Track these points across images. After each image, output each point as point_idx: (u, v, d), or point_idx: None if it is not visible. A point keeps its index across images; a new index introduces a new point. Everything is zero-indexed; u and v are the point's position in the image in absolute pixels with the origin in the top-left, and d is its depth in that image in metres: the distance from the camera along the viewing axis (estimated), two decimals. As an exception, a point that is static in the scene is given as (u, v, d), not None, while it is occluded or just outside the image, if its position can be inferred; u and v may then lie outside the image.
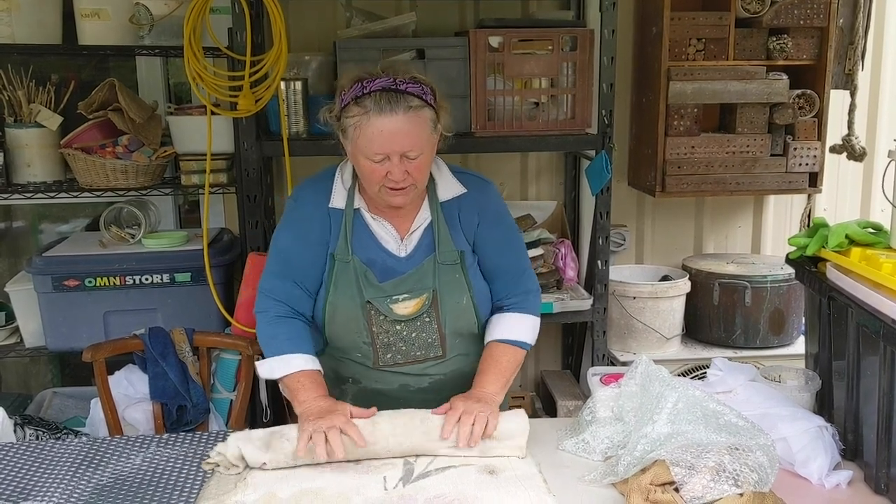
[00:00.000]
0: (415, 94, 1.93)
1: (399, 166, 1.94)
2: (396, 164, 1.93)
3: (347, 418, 1.90)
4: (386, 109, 1.90)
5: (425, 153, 1.96)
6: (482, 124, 3.12)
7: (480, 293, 2.15)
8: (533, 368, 3.92)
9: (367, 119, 1.91)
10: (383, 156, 1.93)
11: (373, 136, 1.91)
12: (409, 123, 1.91)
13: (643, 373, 1.97)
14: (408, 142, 1.92)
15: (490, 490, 1.76)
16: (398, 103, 1.90)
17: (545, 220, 3.62)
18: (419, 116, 1.93)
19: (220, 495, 1.78)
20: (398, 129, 1.90)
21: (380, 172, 1.95)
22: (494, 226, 2.16)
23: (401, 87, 1.92)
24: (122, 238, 3.15)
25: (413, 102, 1.92)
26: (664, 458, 1.66)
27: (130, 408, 2.85)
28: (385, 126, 1.90)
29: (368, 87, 1.92)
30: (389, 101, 1.90)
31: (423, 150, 1.95)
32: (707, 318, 3.51)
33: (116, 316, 3.08)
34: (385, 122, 1.90)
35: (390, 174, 1.94)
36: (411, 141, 1.92)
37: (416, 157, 1.94)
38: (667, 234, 3.87)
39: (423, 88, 1.95)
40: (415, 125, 1.92)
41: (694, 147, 3.38)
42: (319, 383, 2.03)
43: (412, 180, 1.97)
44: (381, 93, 1.91)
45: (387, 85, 1.92)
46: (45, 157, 3.17)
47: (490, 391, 2.04)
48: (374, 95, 1.91)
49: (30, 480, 1.88)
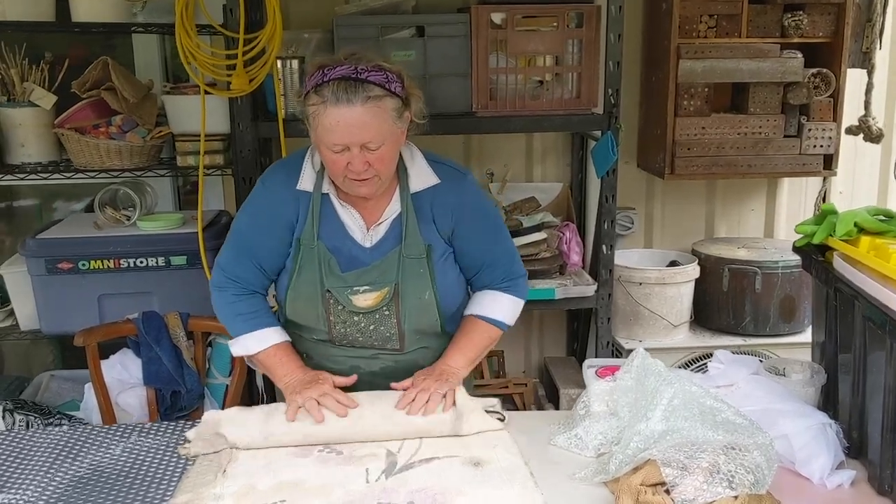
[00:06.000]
0: (376, 82, 1.86)
1: (359, 157, 1.87)
2: (357, 155, 1.87)
3: (332, 386, 1.98)
4: (343, 99, 1.83)
5: (387, 144, 1.90)
6: (484, 104, 3.05)
7: (445, 289, 2.10)
8: (537, 355, 3.86)
9: (325, 109, 1.85)
10: (342, 146, 1.87)
11: (330, 126, 1.86)
12: (367, 114, 1.85)
13: (639, 366, 1.91)
14: (366, 133, 1.86)
15: (474, 484, 1.71)
16: (356, 93, 1.83)
17: (550, 202, 3.55)
18: (379, 107, 1.86)
19: (198, 487, 1.74)
20: (355, 119, 1.84)
21: (340, 163, 1.90)
22: (474, 220, 2.09)
23: (361, 75, 1.85)
24: (118, 220, 3.10)
25: (373, 92, 1.85)
26: (656, 458, 1.59)
27: (124, 393, 2.82)
28: (342, 117, 1.84)
29: (329, 75, 1.85)
30: (347, 90, 1.83)
31: (383, 140, 1.88)
32: (716, 304, 3.44)
33: (111, 299, 3.03)
34: (342, 112, 1.84)
35: (351, 165, 1.89)
36: (370, 132, 1.86)
37: (376, 149, 1.88)
38: (677, 218, 3.79)
39: (388, 76, 1.88)
40: (374, 116, 1.85)
41: (704, 128, 3.30)
42: (294, 355, 2.10)
43: (374, 171, 1.91)
44: (340, 81, 1.84)
45: (346, 73, 1.85)
46: (40, 137, 3.12)
47: (455, 365, 2.07)
48: (333, 84, 1.84)
49: (4, 472, 1.84)
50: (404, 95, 1.92)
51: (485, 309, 2.14)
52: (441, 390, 1.96)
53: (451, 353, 2.10)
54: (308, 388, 1.95)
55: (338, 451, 1.86)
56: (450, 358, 2.09)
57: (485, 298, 2.16)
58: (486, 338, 2.14)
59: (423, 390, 1.96)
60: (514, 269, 2.17)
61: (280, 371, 2.05)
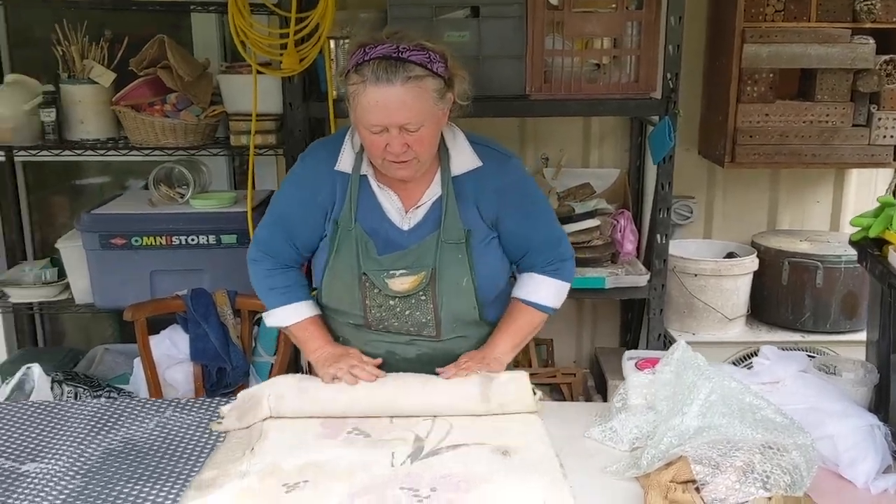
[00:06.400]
0: (417, 62, 1.82)
1: (398, 139, 1.84)
2: (395, 137, 1.84)
3: (361, 358, 2.01)
4: (382, 79, 1.80)
5: (427, 125, 1.86)
6: (538, 86, 2.98)
7: (485, 276, 2.06)
8: (588, 344, 3.80)
9: (364, 88, 1.82)
10: (381, 127, 1.84)
11: (369, 106, 1.83)
12: (407, 94, 1.81)
13: (679, 359, 1.84)
14: (405, 114, 1.82)
15: (501, 472, 1.67)
16: (396, 72, 1.80)
17: (606, 189, 3.48)
18: (420, 87, 1.82)
19: (225, 464, 1.74)
20: (394, 100, 1.81)
21: (379, 144, 1.87)
22: (518, 205, 2.05)
23: (403, 54, 1.81)
24: (171, 198, 3.13)
25: (414, 72, 1.81)
26: (687, 455, 1.53)
27: (171, 368, 2.86)
28: (381, 97, 1.81)
29: (369, 54, 1.82)
30: (387, 69, 1.80)
31: (423, 122, 1.85)
32: (774, 298, 3.33)
33: (163, 276, 3.06)
34: (381, 92, 1.81)
35: (389, 146, 1.86)
36: (409, 113, 1.82)
37: (416, 130, 1.85)
38: (738, 208, 3.67)
39: (430, 56, 1.84)
40: (414, 96, 1.82)
41: (768, 115, 3.19)
42: (324, 330, 2.13)
43: (413, 153, 1.88)
44: (380, 61, 1.81)
45: (387, 52, 1.81)
46: (99, 115, 3.17)
47: (499, 350, 2.06)
48: (373, 63, 1.81)
49: (40, 441, 1.87)
50: (447, 76, 1.88)
51: (529, 293, 2.11)
52: (483, 370, 1.96)
53: (495, 339, 2.08)
54: (338, 361, 1.98)
55: (366, 434, 1.84)
56: (493, 344, 2.07)
57: (529, 282, 2.12)
58: (530, 323, 2.12)
59: (464, 369, 1.97)
60: (561, 251, 2.12)
61: (311, 344, 2.08)
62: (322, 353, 2.05)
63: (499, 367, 2.01)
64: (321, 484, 1.63)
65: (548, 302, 2.11)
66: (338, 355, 2.01)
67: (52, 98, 3.12)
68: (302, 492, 1.61)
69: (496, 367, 2.01)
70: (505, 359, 2.06)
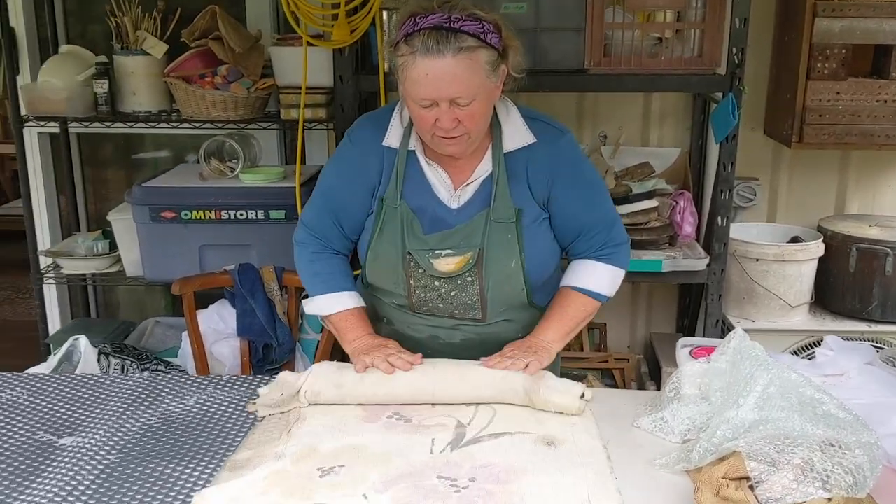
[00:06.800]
0: (470, 32, 1.73)
1: (448, 113, 1.76)
2: (445, 111, 1.76)
3: (399, 349, 1.92)
4: (433, 50, 1.72)
5: (479, 99, 1.78)
6: (597, 60, 2.88)
7: (535, 258, 1.97)
8: (643, 329, 3.69)
9: (414, 60, 1.74)
10: (430, 101, 1.76)
11: (418, 79, 1.75)
12: (458, 67, 1.73)
13: (735, 348, 1.75)
14: (456, 87, 1.74)
15: (543, 464, 1.60)
16: (447, 44, 1.72)
17: (666, 168, 3.35)
18: (471, 59, 1.74)
19: (260, 445, 1.70)
20: (445, 72, 1.72)
21: (428, 119, 1.79)
22: (572, 184, 1.96)
23: (454, 24, 1.73)
24: (222, 171, 3.11)
25: (466, 42, 1.73)
26: (742, 450, 1.44)
27: (219, 343, 2.85)
28: (431, 69, 1.73)
29: (420, 24, 1.74)
30: (438, 41, 1.71)
31: (474, 95, 1.76)
32: (841, 286, 3.19)
33: (212, 250, 3.05)
34: (431, 64, 1.72)
35: (439, 121, 1.78)
36: (460, 86, 1.74)
37: (467, 104, 1.77)
38: (804, 191, 3.52)
39: (483, 26, 1.75)
40: (465, 69, 1.73)
41: (839, 93, 3.03)
42: (366, 321, 2.03)
43: (464, 129, 1.80)
44: (431, 31, 1.72)
45: (439, 22, 1.73)
46: (151, 86, 3.17)
47: (547, 338, 1.97)
48: (423, 34, 1.73)
49: (80, 415, 1.85)
50: (501, 47, 1.79)
51: (581, 280, 2.01)
52: (526, 359, 1.86)
53: (544, 327, 1.99)
54: (376, 351, 1.90)
55: (406, 419, 1.79)
56: (541, 332, 1.98)
57: (581, 268, 2.03)
58: (582, 311, 2.02)
59: (510, 357, 1.88)
60: (615, 235, 2.02)
61: (350, 335, 2.00)
62: (360, 343, 1.98)
63: (547, 357, 1.92)
64: (356, 469, 1.58)
65: (601, 289, 2.02)
66: (375, 345, 1.94)
67: (104, 69, 3.13)
68: (336, 476, 1.56)
69: (544, 356, 1.91)
70: (554, 347, 1.96)
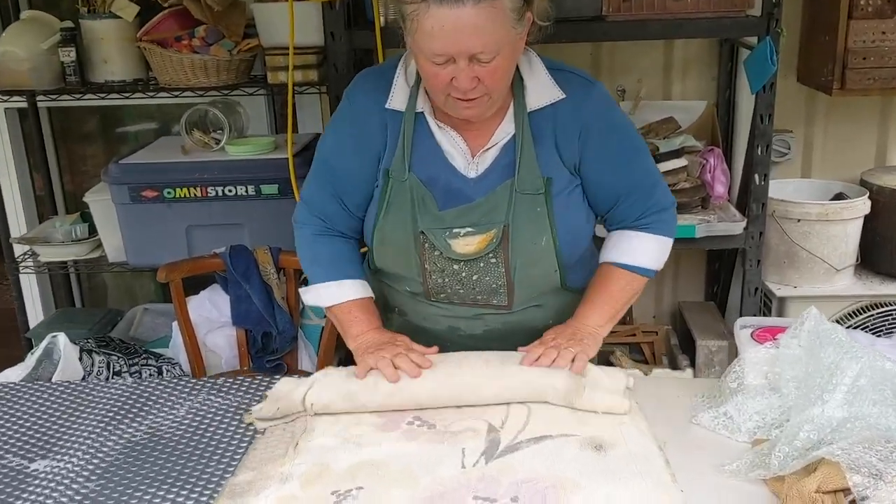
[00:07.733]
0: None
1: (467, 71, 1.52)
2: (464, 69, 1.51)
3: (410, 346, 1.70)
4: None
5: (503, 54, 1.53)
6: (616, 6, 2.64)
7: (567, 233, 1.73)
8: (669, 297, 3.47)
9: (427, 9, 1.48)
10: (446, 57, 1.51)
11: (432, 31, 1.48)
12: (479, 16, 1.47)
13: (811, 331, 1.53)
14: (477, 41, 1.49)
15: (595, 474, 1.38)
16: None
17: (692, 123, 3.12)
18: (495, 7, 1.48)
19: (264, 464, 1.47)
20: (465, 23, 1.47)
21: (443, 78, 1.54)
22: (606, 140, 1.70)
23: None
24: (206, 144, 2.88)
25: None
26: (839, 461, 1.23)
27: (212, 333, 2.67)
28: (447, 19, 1.47)
29: None
30: None
31: (498, 50, 1.51)
32: (889, 245, 2.98)
33: (200, 231, 2.82)
34: (448, 13, 1.46)
35: (456, 81, 1.53)
36: (482, 40, 1.49)
37: (489, 61, 1.51)
38: (843, 142, 3.28)
39: None
40: (488, 19, 1.47)
41: (885, 33, 2.79)
42: (372, 313, 1.81)
43: (485, 89, 1.55)
44: None
45: None
46: (123, 53, 2.94)
47: (591, 323, 1.75)
48: None
49: (55, 434, 1.64)
50: None
51: (624, 254, 1.78)
52: (573, 350, 1.65)
53: (586, 311, 1.77)
54: (382, 349, 1.67)
55: (429, 424, 1.55)
56: (584, 315, 1.76)
57: (623, 241, 1.80)
58: (628, 289, 1.79)
59: (553, 348, 1.65)
60: (658, 199, 1.78)
61: (354, 330, 1.77)
62: (364, 339, 1.75)
63: (594, 346, 1.71)
64: (377, 490, 1.36)
65: (647, 264, 1.78)
66: (382, 342, 1.71)
67: (71, 36, 2.88)
68: (354, 501, 1.33)
69: (591, 344, 1.70)
70: (601, 332, 1.75)
